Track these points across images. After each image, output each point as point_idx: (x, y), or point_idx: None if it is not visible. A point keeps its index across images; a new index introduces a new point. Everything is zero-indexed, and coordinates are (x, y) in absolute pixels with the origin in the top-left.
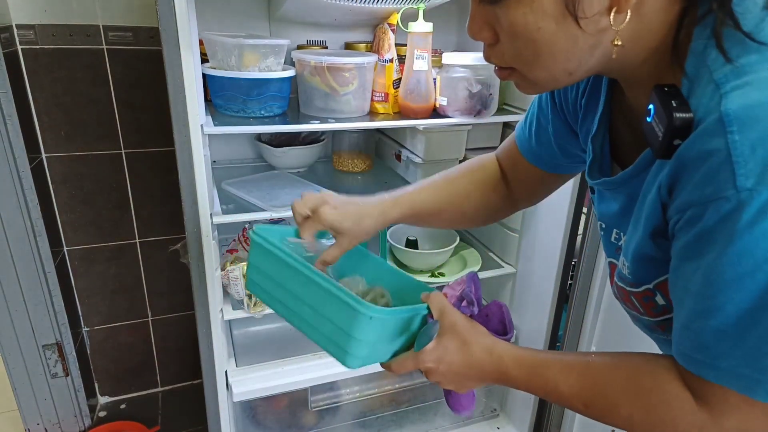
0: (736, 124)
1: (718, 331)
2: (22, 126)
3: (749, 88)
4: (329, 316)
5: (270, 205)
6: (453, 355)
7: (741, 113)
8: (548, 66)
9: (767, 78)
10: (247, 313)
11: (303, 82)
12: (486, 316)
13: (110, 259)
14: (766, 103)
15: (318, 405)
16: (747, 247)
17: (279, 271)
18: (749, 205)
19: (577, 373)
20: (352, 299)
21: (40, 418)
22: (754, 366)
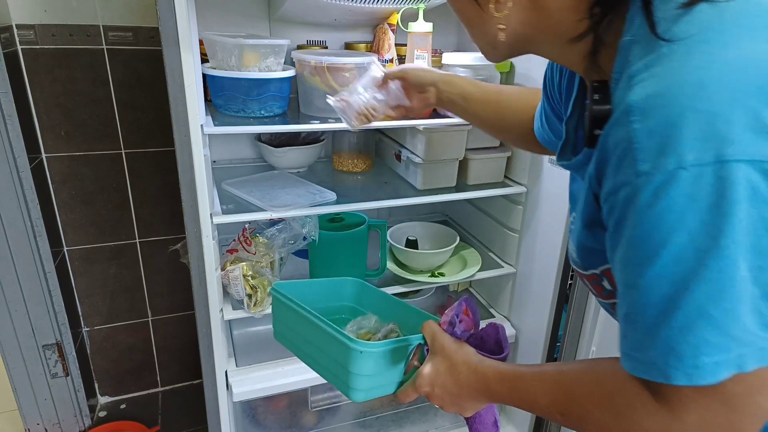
0: (637, 114)
1: (640, 321)
2: (22, 126)
3: (652, 80)
4: (332, 355)
5: (270, 205)
6: (444, 378)
7: (641, 103)
8: (475, 36)
9: (668, 70)
10: (247, 313)
11: (303, 82)
12: (481, 339)
13: (110, 259)
14: (662, 93)
15: (318, 405)
16: (647, 230)
17: (293, 319)
18: (645, 188)
19: (551, 382)
20: (345, 338)
21: (40, 418)
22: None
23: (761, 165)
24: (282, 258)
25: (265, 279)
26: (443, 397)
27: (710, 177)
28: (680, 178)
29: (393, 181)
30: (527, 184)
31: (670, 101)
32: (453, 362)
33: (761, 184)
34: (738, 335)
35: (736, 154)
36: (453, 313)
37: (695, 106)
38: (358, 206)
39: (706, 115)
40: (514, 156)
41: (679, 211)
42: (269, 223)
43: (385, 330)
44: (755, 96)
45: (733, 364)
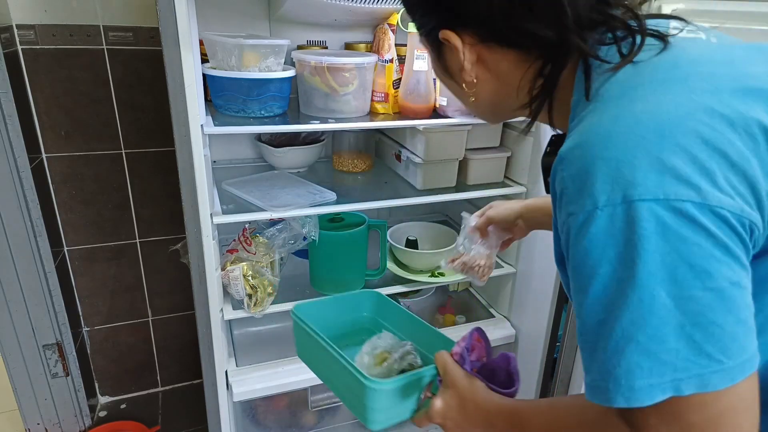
0: (564, 163)
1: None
2: (23, 126)
3: (575, 134)
4: (348, 386)
5: (270, 205)
6: (454, 412)
7: (567, 154)
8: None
9: (586, 125)
10: (247, 313)
11: (303, 82)
12: (492, 371)
13: (110, 259)
14: (579, 144)
15: (318, 405)
16: (579, 263)
17: (312, 345)
18: (573, 226)
19: (543, 414)
20: (359, 374)
21: (40, 417)
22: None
23: (665, 203)
24: (282, 258)
25: (265, 279)
26: (455, 430)
27: (621, 215)
28: (597, 217)
29: (393, 181)
30: (527, 184)
31: (584, 151)
32: (462, 398)
33: (669, 219)
34: (668, 360)
35: (641, 195)
36: (464, 344)
37: (603, 155)
38: (358, 206)
39: (612, 161)
40: (514, 156)
41: (601, 246)
42: (269, 223)
43: (401, 351)
44: (655, 142)
45: (668, 387)
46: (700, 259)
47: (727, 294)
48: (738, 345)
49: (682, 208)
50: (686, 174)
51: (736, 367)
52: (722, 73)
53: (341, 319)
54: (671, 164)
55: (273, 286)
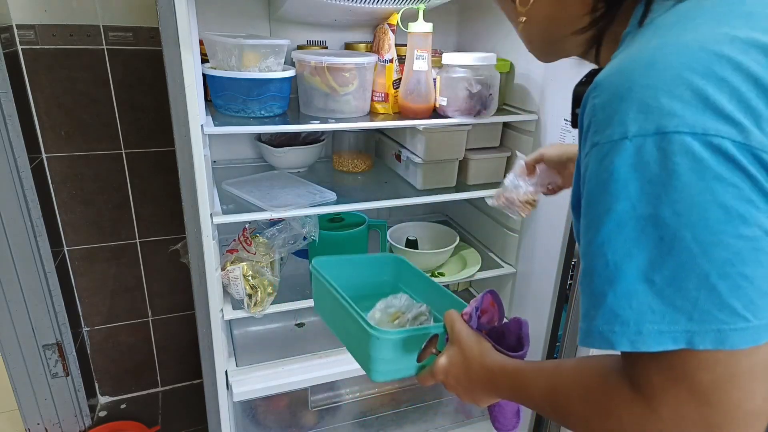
0: (598, 90)
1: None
2: (23, 126)
3: (616, 60)
4: (356, 336)
5: (270, 205)
6: (457, 369)
7: (602, 80)
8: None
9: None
10: (247, 313)
11: (303, 82)
12: (502, 333)
13: (110, 259)
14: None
15: (318, 405)
16: (595, 198)
17: (327, 296)
18: (595, 157)
19: (546, 377)
20: (365, 323)
21: (40, 417)
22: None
23: (703, 138)
24: (282, 258)
25: (265, 279)
26: (457, 388)
27: (651, 147)
28: (623, 148)
29: (393, 181)
30: None
31: (622, 77)
32: (467, 355)
33: (705, 155)
34: (684, 307)
35: (677, 126)
36: (475, 305)
37: (642, 82)
38: (358, 206)
39: (650, 89)
40: (514, 156)
41: (622, 180)
42: (269, 223)
43: (415, 311)
44: (700, 74)
45: (680, 337)
46: (736, 202)
47: (761, 245)
48: (766, 302)
49: (721, 145)
50: (729, 110)
51: (763, 327)
52: None
53: (361, 280)
54: (714, 98)
55: (273, 286)
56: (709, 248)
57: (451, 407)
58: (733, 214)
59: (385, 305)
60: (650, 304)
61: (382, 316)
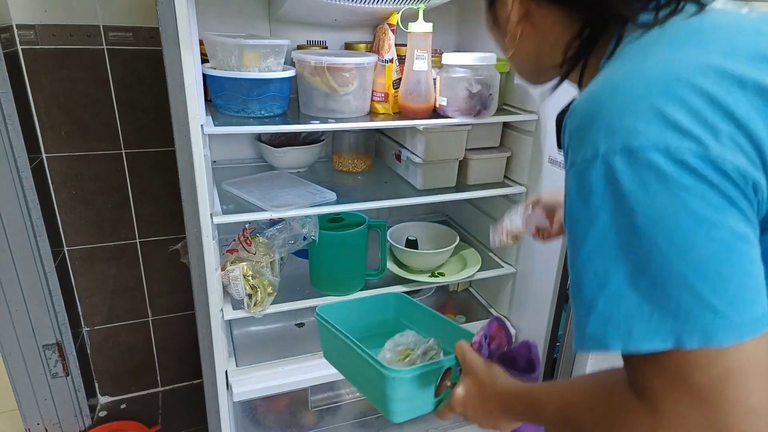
0: (573, 115)
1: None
2: (23, 126)
3: (589, 88)
4: (370, 379)
5: (270, 205)
6: (474, 399)
7: (577, 106)
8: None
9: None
10: (247, 313)
11: (303, 82)
12: (513, 358)
13: (110, 259)
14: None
15: (318, 405)
16: (578, 212)
17: (336, 343)
18: (574, 175)
19: (557, 394)
20: (378, 364)
21: (40, 417)
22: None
23: (666, 152)
24: (282, 258)
25: (265, 279)
26: (477, 417)
27: (621, 163)
28: (596, 165)
29: (393, 181)
30: (527, 184)
31: (591, 102)
32: (481, 383)
33: (670, 168)
34: (669, 308)
35: (641, 143)
36: (483, 333)
37: (608, 104)
38: (358, 206)
39: (615, 110)
40: (513, 156)
41: (600, 194)
42: (269, 223)
43: (424, 346)
44: (659, 94)
45: (669, 336)
46: (702, 208)
47: (732, 246)
48: (746, 300)
49: (683, 158)
50: (688, 127)
51: (745, 324)
52: (744, 41)
53: (365, 321)
54: (674, 117)
55: (273, 286)
56: (683, 252)
57: None
58: (701, 220)
59: (394, 344)
60: (638, 306)
61: (393, 356)
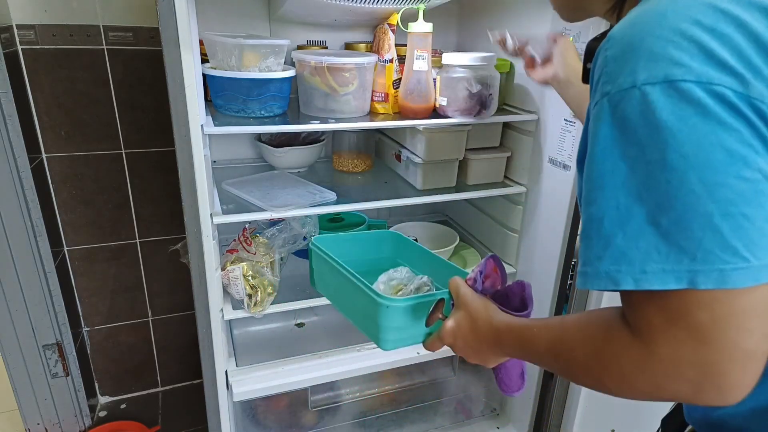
0: (610, 42)
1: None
2: (23, 126)
3: (631, 14)
4: (362, 308)
5: (270, 205)
6: (465, 331)
7: (616, 33)
8: None
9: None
10: (247, 313)
11: (303, 82)
12: (506, 296)
13: (110, 259)
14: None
15: (318, 405)
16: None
17: (329, 272)
18: (606, 106)
19: (551, 330)
20: (373, 293)
21: (40, 417)
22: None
23: (707, 86)
24: (282, 258)
25: (265, 279)
26: (465, 350)
27: (659, 95)
28: (633, 96)
29: (393, 181)
30: (527, 184)
31: (634, 29)
32: (474, 317)
33: (710, 102)
34: (688, 248)
35: (683, 75)
36: (478, 270)
37: (653, 33)
38: (358, 206)
39: (660, 40)
40: (513, 156)
41: (633, 126)
42: (269, 223)
43: (417, 282)
44: (707, 29)
45: (683, 277)
46: (737, 145)
47: (761, 187)
48: (766, 243)
49: (724, 93)
50: (732, 64)
51: (763, 267)
52: None
53: (360, 256)
54: (718, 52)
55: (273, 286)
56: (713, 189)
57: (451, 407)
58: (735, 157)
59: (387, 278)
60: (656, 245)
61: (386, 289)
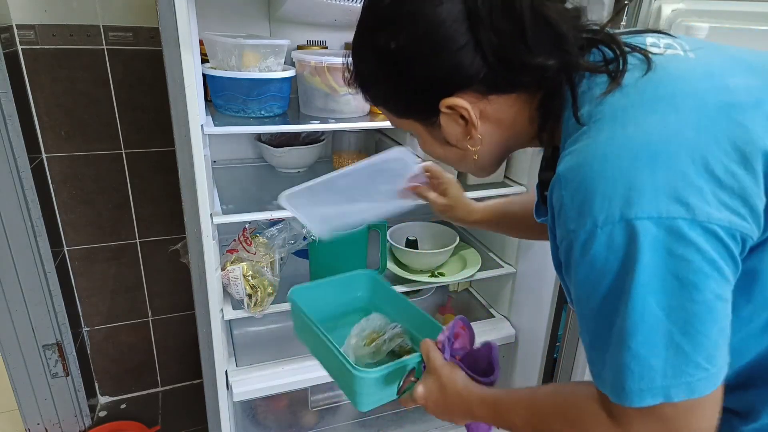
0: (563, 182)
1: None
2: (23, 126)
3: (572, 155)
4: (337, 369)
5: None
6: (435, 396)
7: (566, 174)
8: (461, 167)
9: (582, 146)
10: (247, 313)
11: (303, 82)
12: (474, 359)
13: (110, 259)
14: (578, 165)
15: (318, 405)
16: (583, 276)
17: (307, 329)
18: (575, 243)
19: (524, 405)
20: (347, 363)
21: (40, 417)
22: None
23: (659, 220)
24: (282, 258)
25: (265, 279)
26: (435, 411)
27: (619, 232)
28: (597, 235)
29: None
30: (527, 184)
31: (582, 172)
32: (442, 384)
33: (662, 236)
34: (657, 366)
35: (636, 213)
36: (448, 333)
37: (600, 175)
38: None
39: (609, 181)
40: (513, 156)
41: (602, 261)
42: (269, 223)
43: (391, 332)
44: (647, 162)
45: (659, 393)
46: (689, 274)
47: (712, 306)
48: (720, 352)
49: (673, 225)
50: (676, 191)
51: (718, 372)
52: (705, 88)
53: (337, 300)
54: (662, 183)
55: (273, 286)
56: (670, 312)
57: None
58: (686, 284)
59: (359, 330)
60: (629, 366)
61: (359, 341)
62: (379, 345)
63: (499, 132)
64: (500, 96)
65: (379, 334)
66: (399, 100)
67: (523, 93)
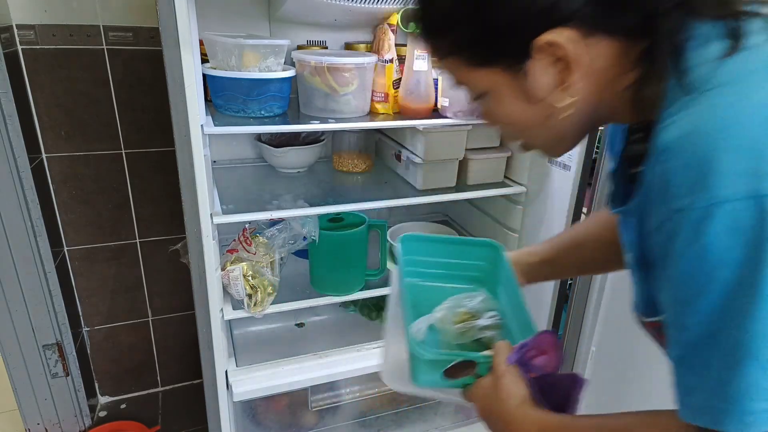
0: (671, 152)
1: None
2: (23, 126)
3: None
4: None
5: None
6: (492, 402)
7: (675, 143)
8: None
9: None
10: (247, 313)
11: (303, 83)
12: (551, 387)
13: (110, 259)
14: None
15: (318, 405)
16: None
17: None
18: (684, 225)
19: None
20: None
21: (40, 417)
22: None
23: None
24: (282, 258)
25: (265, 279)
26: (487, 420)
27: (746, 211)
28: (716, 215)
29: (393, 181)
30: (527, 184)
31: (702, 139)
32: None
33: None
34: None
35: None
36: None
37: (727, 143)
38: (358, 206)
39: (738, 151)
40: (514, 156)
41: (722, 247)
42: (269, 223)
43: (485, 321)
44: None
45: None
46: None
47: None
48: None
49: None
50: None
51: None
52: None
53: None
54: None
55: (273, 286)
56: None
57: (450, 407)
58: None
59: (455, 303)
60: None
61: (447, 315)
62: (468, 328)
63: (593, 88)
64: (601, 40)
65: (472, 316)
66: (482, 43)
67: (625, 41)
